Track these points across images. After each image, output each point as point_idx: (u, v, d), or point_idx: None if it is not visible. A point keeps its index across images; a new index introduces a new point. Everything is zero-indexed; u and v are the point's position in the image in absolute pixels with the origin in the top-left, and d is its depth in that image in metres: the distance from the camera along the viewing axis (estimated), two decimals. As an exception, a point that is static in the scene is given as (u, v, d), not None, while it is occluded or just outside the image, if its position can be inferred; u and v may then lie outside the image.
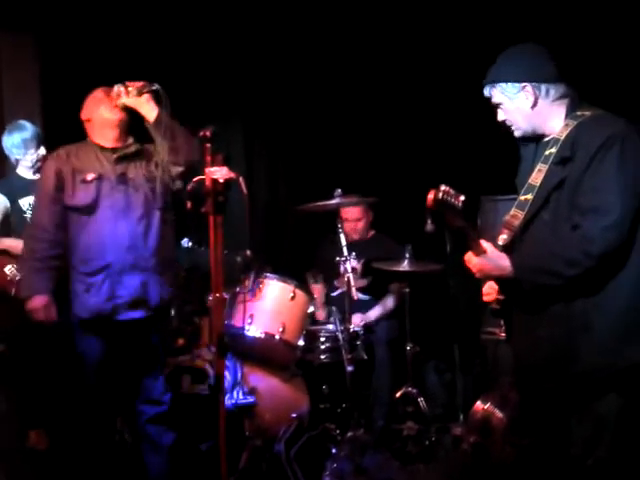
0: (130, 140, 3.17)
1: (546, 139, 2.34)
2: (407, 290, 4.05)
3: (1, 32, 4.61)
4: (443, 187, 2.16)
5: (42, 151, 3.96)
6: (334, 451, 3.52)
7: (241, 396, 3.42)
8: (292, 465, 3.37)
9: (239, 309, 3.58)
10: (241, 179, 2.48)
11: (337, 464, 3.42)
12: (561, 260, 2.17)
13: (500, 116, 2.39)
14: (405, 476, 3.50)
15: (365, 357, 3.97)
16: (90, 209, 3.06)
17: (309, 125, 5.02)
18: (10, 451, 3.81)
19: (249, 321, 3.58)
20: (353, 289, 3.69)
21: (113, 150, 3.13)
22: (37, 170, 4.00)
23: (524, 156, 2.46)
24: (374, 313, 4.27)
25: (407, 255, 3.95)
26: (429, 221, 2.42)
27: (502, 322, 2.46)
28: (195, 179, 2.64)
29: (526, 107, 2.31)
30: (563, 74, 2.34)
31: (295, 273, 4.15)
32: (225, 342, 2.42)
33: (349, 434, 3.56)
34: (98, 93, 3.15)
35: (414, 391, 4.01)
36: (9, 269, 3.85)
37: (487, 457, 3.22)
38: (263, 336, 3.61)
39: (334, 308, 3.93)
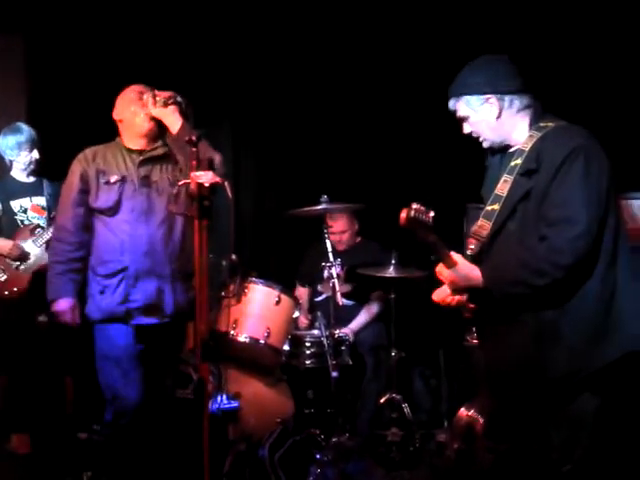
0: (158, 143, 3.14)
1: (511, 150, 2.38)
2: (392, 296, 4.07)
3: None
4: (414, 205, 2.19)
5: (35, 154, 3.97)
6: (318, 456, 3.52)
7: (225, 400, 3.41)
8: (276, 470, 3.36)
9: (224, 313, 3.58)
10: (227, 183, 2.48)
11: (321, 469, 3.42)
12: (530, 271, 2.21)
13: (466, 129, 2.43)
14: (389, 482, 3.51)
15: (350, 363, 3.98)
16: (112, 211, 3.05)
17: (297, 131, 5.03)
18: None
19: (234, 325, 3.57)
20: (338, 294, 3.69)
21: (140, 152, 3.12)
22: (31, 173, 4.02)
23: (490, 166, 2.50)
24: (360, 321, 4.28)
25: (393, 261, 3.97)
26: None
27: (474, 330, 2.48)
28: (180, 183, 2.63)
29: (491, 118, 2.35)
30: (527, 85, 2.37)
31: (281, 278, 4.15)
32: (209, 346, 2.42)
33: (333, 439, 3.56)
34: (130, 94, 3.12)
35: (399, 397, 4.01)
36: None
37: (471, 464, 3.23)
38: (248, 341, 3.60)
39: (319, 313, 3.93)
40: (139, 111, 3.06)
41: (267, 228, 5.17)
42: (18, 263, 3.88)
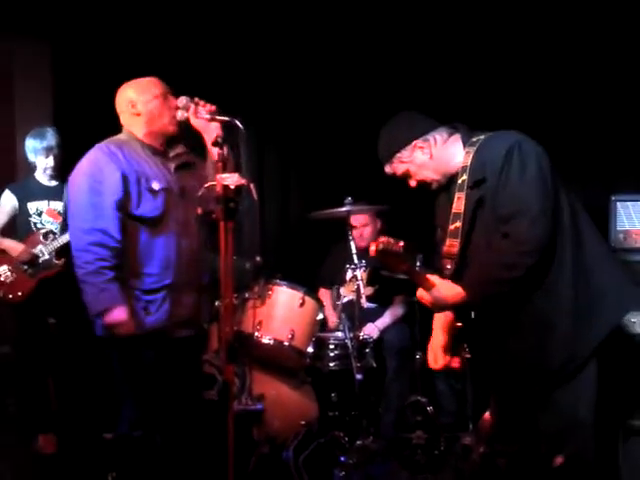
0: (181, 148, 3.02)
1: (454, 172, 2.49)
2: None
3: (17, 39, 4.67)
4: (382, 239, 2.31)
5: (50, 162, 3.99)
6: (342, 459, 3.51)
7: (250, 402, 3.41)
8: (300, 472, 3.36)
9: (248, 315, 3.58)
10: (252, 185, 2.48)
11: (345, 472, 3.42)
12: (501, 267, 2.30)
13: (412, 183, 2.56)
14: (413, 485, 3.49)
15: (374, 365, 3.97)
16: (155, 221, 2.87)
17: (321, 132, 5.03)
18: (17, 453, 3.84)
19: (258, 327, 3.58)
20: (363, 297, 3.68)
21: (162, 153, 2.97)
22: (51, 178, 4.05)
23: (439, 204, 2.62)
24: (385, 320, 4.27)
25: (418, 264, 3.94)
26: (438, 230, 2.52)
27: (465, 346, 2.54)
28: (206, 185, 2.63)
29: (426, 161, 2.49)
30: (445, 120, 2.55)
31: (305, 280, 4.14)
32: (234, 348, 2.42)
33: (358, 442, 3.55)
34: (153, 89, 2.91)
35: (424, 400, 3.98)
36: (3, 270, 3.88)
37: (496, 467, 3.20)
38: (272, 342, 3.60)
39: (343, 315, 3.92)
40: (165, 112, 2.91)
41: (291, 230, 5.17)
42: (26, 267, 3.90)
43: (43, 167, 4.02)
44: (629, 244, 3.63)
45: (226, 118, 2.70)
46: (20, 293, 3.88)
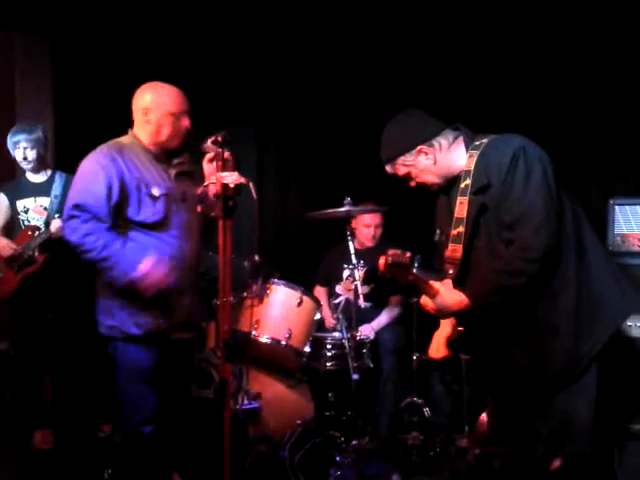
0: (185, 157, 3.08)
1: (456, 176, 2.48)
2: (415, 300, 4.05)
3: (17, 36, 4.68)
4: (391, 251, 2.31)
5: (18, 155, 3.97)
6: (338, 459, 3.52)
7: (246, 401, 3.41)
8: (296, 471, 3.37)
9: (246, 314, 3.59)
10: (251, 184, 2.48)
11: (341, 472, 3.42)
12: (506, 274, 2.29)
13: (412, 184, 2.54)
14: (408, 486, 3.49)
15: (371, 365, 3.98)
16: (156, 226, 2.92)
17: (321, 132, 5.03)
18: (15, 450, 3.83)
19: (255, 326, 3.58)
20: (361, 297, 3.69)
21: (165, 160, 3.03)
22: (32, 170, 4.02)
23: (438, 206, 2.62)
24: (381, 321, 4.28)
25: (415, 264, 3.94)
26: (438, 231, 2.51)
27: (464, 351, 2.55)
28: (205, 183, 2.63)
29: (429, 165, 2.46)
30: (442, 122, 2.50)
31: (303, 279, 4.15)
32: (231, 347, 2.42)
33: (353, 442, 3.55)
34: (173, 104, 2.95)
35: (420, 401, 4.00)
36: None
37: (491, 469, 3.21)
38: (269, 342, 3.61)
39: (340, 315, 3.93)
40: (172, 131, 2.96)
41: (290, 229, 5.17)
42: (12, 264, 3.89)
43: (19, 161, 4.02)
44: (627, 248, 3.64)
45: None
46: (6, 288, 3.89)
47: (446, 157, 2.47)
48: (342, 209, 3.69)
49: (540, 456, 2.41)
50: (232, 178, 2.39)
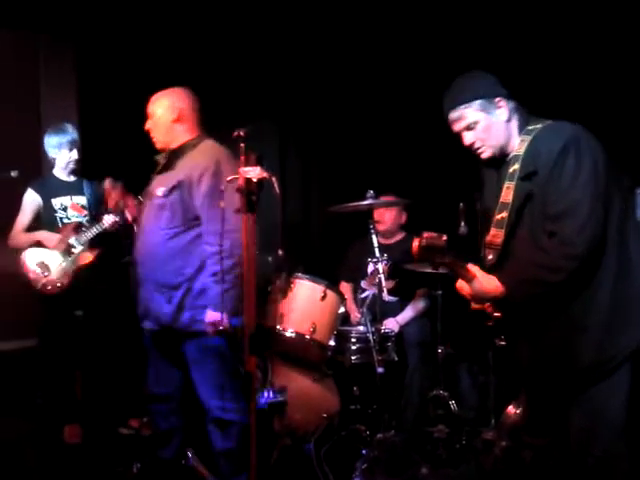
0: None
1: (507, 159, 2.41)
2: (439, 292, 4.04)
3: (42, 37, 4.75)
4: (425, 234, 2.25)
5: (75, 155, 4.08)
6: (364, 452, 3.52)
7: (272, 394, 3.43)
8: (322, 465, 3.38)
9: (270, 308, 3.60)
10: (274, 179, 2.48)
11: (367, 465, 3.42)
12: (546, 269, 2.24)
13: (469, 138, 2.43)
14: None
15: (396, 359, 3.96)
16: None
17: (343, 126, 5.03)
18: (44, 443, 3.90)
19: (280, 320, 3.59)
20: (384, 290, 3.68)
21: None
22: (70, 172, 4.12)
23: (486, 180, 2.55)
24: (407, 315, 4.27)
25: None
26: (462, 223, 2.47)
27: (502, 336, 2.51)
28: (228, 178, 2.64)
29: (501, 122, 2.39)
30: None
31: (327, 274, 4.15)
32: (256, 340, 2.43)
33: (379, 436, 3.55)
34: (171, 114, 3.17)
35: (445, 394, 3.98)
36: (37, 264, 3.94)
37: (519, 462, 3.19)
38: (294, 336, 3.62)
39: (365, 309, 3.93)
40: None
41: (313, 223, 5.18)
42: (62, 259, 3.95)
43: (66, 161, 4.08)
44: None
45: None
46: (59, 284, 3.94)
47: (512, 123, 2.40)
48: (364, 202, 3.68)
49: (572, 451, 2.37)
50: (255, 173, 2.40)
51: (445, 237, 2.27)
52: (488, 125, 2.39)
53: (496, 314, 2.45)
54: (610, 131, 4.17)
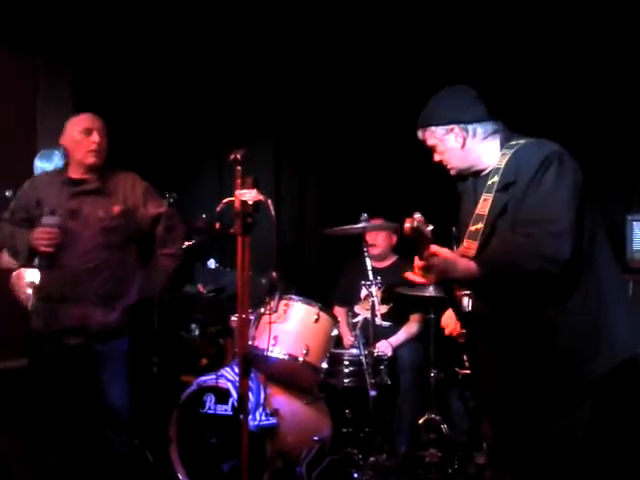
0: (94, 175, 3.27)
1: (486, 172, 2.41)
2: (432, 316, 4.05)
3: (39, 60, 4.79)
4: (417, 215, 2.20)
5: None
6: (356, 476, 3.51)
7: (263, 417, 3.42)
8: (313, 489, 3.36)
9: (263, 330, 3.60)
10: (269, 202, 2.50)
11: (358, 489, 3.41)
12: (527, 254, 2.18)
13: (436, 157, 2.48)
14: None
15: (389, 382, 3.96)
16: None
17: (339, 149, 5.06)
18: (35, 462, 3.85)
19: (273, 342, 3.58)
20: (378, 313, 3.69)
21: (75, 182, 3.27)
22: None
23: (463, 192, 2.55)
24: (400, 337, 4.26)
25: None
26: (455, 248, 2.46)
27: (465, 358, 2.47)
28: (224, 201, 2.66)
29: (456, 148, 2.41)
30: (489, 112, 2.43)
31: (321, 295, 4.16)
32: (249, 363, 2.43)
33: (371, 459, 3.55)
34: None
35: (438, 418, 3.98)
36: (28, 283, 3.92)
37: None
38: (287, 358, 3.61)
39: (358, 332, 3.93)
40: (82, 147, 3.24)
41: (307, 246, 5.19)
42: None
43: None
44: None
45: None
46: None
47: (477, 147, 2.40)
48: (357, 225, 3.70)
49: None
50: (250, 195, 2.41)
51: (431, 227, 2.22)
52: (444, 149, 2.43)
53: (463, 330, 2.44)
54: (602, 156, 4.26)
